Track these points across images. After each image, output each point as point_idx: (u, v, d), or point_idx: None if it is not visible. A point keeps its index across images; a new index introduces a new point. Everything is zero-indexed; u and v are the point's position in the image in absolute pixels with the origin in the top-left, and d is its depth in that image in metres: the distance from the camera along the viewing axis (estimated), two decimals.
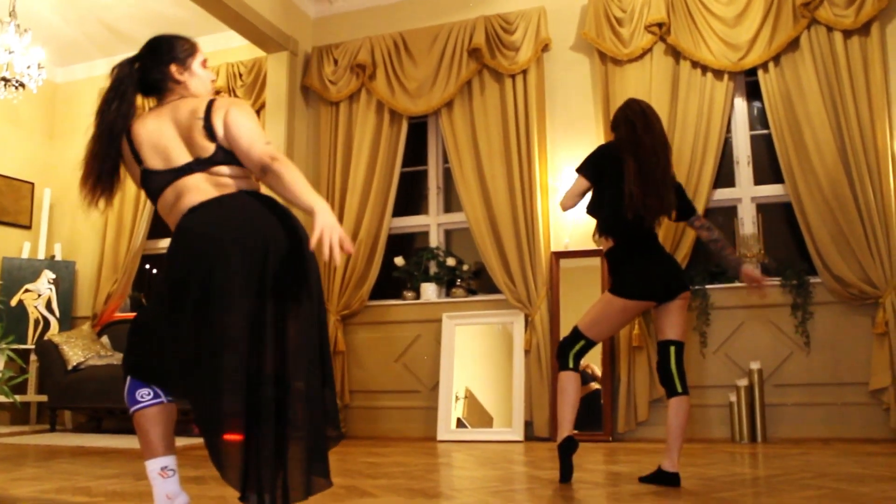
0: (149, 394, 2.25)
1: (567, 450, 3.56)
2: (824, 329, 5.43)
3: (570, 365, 3.67)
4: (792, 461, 4.23)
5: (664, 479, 3.47)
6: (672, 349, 3.63)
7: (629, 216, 3.57)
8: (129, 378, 2.30)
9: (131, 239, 7.39)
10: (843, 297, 5.39)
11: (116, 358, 6.69)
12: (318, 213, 2.04)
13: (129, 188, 7.46)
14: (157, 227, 7.51)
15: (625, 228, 3.62)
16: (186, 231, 2.23)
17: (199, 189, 2.27)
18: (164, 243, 7.63)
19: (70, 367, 6.61)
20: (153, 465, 2.24)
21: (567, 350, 3.69)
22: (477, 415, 6.18)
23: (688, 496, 3.18)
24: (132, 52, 2.57)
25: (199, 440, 5.70)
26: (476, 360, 6.34)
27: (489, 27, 6.40)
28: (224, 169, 2.28)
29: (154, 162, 2.32)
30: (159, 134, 2.33)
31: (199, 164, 2.28)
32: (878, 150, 5.37)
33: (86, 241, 7.72)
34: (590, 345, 3.69)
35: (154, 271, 7.86)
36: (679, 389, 3.61)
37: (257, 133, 2.26)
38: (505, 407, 6.03)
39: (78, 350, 6.71)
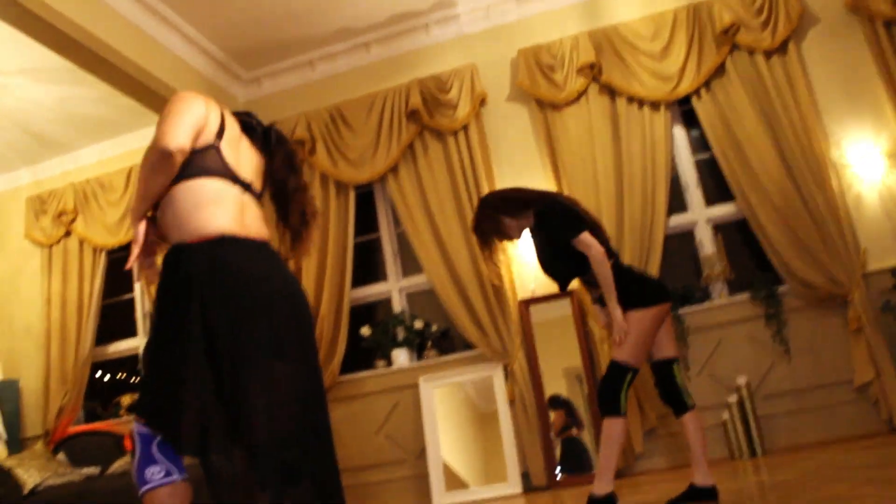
0: (160, 472, 1.97)
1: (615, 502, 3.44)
2: (801, 335, 5.50)
3: (623, 409, 3.46)
4: (806, 463, 4.21)
5: (701, 495, 3.39)
6: (675, 366, 3.62)
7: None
8: (141, 444, 2.01)
9: (78, 347, 7.02)
10: (812, 300, 5.49)
11: (78, 474, 6.27)
12: None
13: (69, 296, 7.15)
14: (105, 332, 7.19)
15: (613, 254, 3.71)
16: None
17: (257, 217, 2.20)
18: (115, 348, 7.30)
19: (27, 492, 6.14)
20: None
21: (618, 391, 3.46)
22: (457, 486, 5.95)
23: None
24: (61, 157, 2.57)
25: None
26: (456, 420, 6.19)
27: (424, 89, 6.46)
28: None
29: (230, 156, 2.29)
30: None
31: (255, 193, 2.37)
32: (817, 157, 5.57)
33: (27, 356, 7.30)
34: (636, 375, 3.53)
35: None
36: (690, 403, 3.58)
37: None
38: (495, 461, 5.87)
39: (33, 471, 6.25)
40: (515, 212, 3.71)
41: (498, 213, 3.73)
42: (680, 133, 6.21)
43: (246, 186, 2.28)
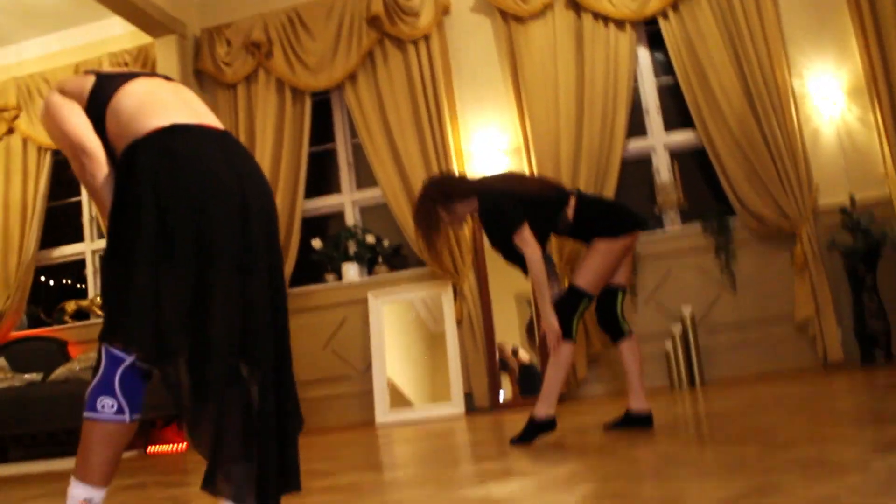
0: (112, 406, 1.83)
1: (548, 430, 3.41)
2: (748, 268, 5.53)
3: (573, 334, 3.40)
4: (742, 395, 4.27)
5: (637, 421, 3.41)
6: (620, 294, 3.58)
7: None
8: (105, 366, 1.84)
9: (21, 250, 6.84)
10: (762, 234, 5.50)
11: (18, 379, 6.18)
12: None
13: (12, 197, 6.93)
14: (50, 236, 7.01)
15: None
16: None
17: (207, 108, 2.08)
18: (60, 253, 7.13)
19: None
20: (78, 491, 1.84)
21: (571, 315, 3.40)
22: (401, 404, 5.98)
23: (665, 431, 3.13)
24: (2, 49, 2.34)
25: (124, 455, 5.36)
26: (406, 337, 6.18)
27: None
28: None
29: None
30: None
31: None
32: (779, 87, 5.50)
33: None
34: (591, 302, 3.47)
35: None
36: (627, 330, 3.56)
37: None
38: (441, 381, 5.89)
39: None
40: (459, 200, 3.54)
41: (442, 204, 3.53)
42: (644, 55, 6.07)
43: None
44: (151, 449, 5.92)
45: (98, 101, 1.99)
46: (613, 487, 2.07)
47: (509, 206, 3.41)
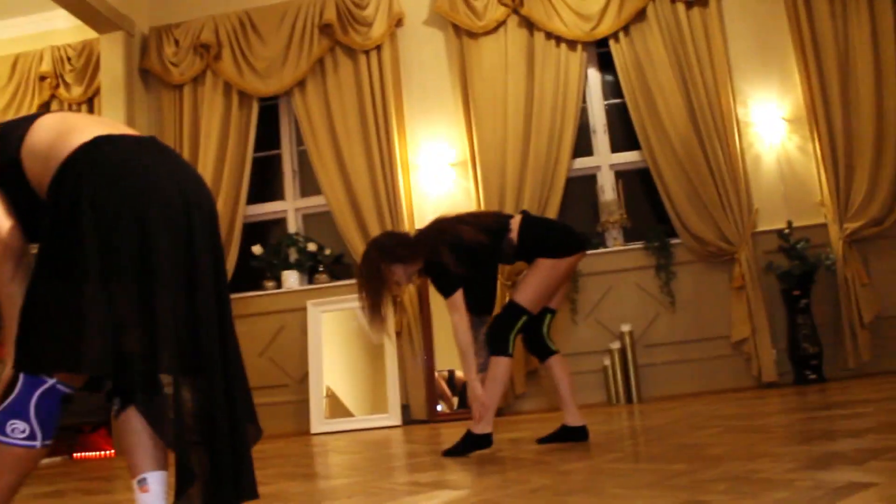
0: (23, 431, 1.69)
1: (484, 446, 3.36)
2: (687, 288, 5.61)
3: (511, 350, 3.37)
4: (677, 412, 4.31)
5: (572, 435, 3.41)
6: (549, 316, 3.57)
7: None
8: (23, 386, 1.70)
9: None
10: (702, 255, 5.58)
11: None
12: None
13: None
14: None
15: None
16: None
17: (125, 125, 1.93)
18: None
19: None
20: None
21: (507, 332, 3.36)
22: (340, 411, 5.92)
23: (597, 447, 3.13)
24: None
25: (49, 461, 5.18)
26: (345, 347, 6.11)
27: (340, 3, 6.19)
28: None
29: None
30: None
31: None
32: (724, 113, 5.62)
33: None
34: (530, 320, 3.41)
35: None
36: (554, 348, 3.56)
37: None
38: (380, 392, 5.83)
39: None
40: (406, 259, 3.49)
41: (390, 263, 3.48)
42: (594, 76, 6.14)
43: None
44: (78, 455, 5.74)
45: (8, 149, 1.82)
46: (540, 501, 2.05)
47: (447, 273, 3.33)
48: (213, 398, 1.79)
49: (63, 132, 1.81)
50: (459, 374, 5.76)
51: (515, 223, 3.47)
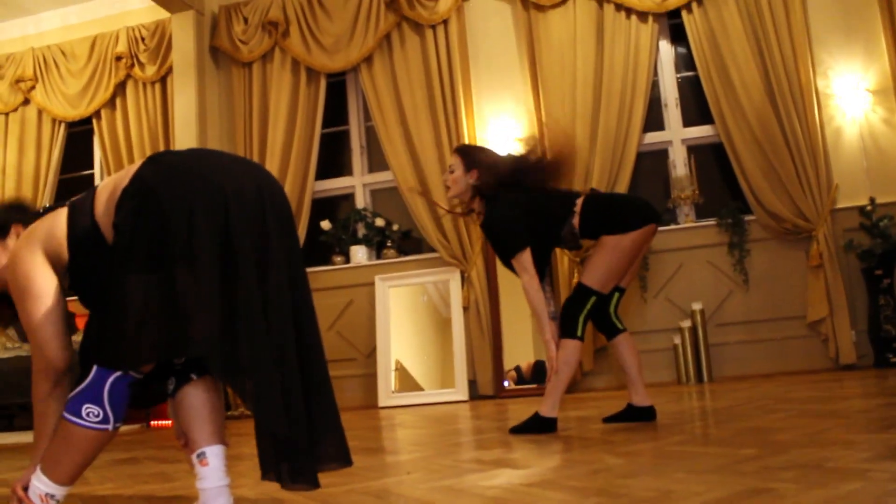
0: (97, 415, 1.75)
1: (549, 430, 3.29)
2: (761, 266, 5.44)
3: (580, 332, 3.30)
4: (748, 393, 4.20)
5: (639, 415, 3.35)
6: (617, 295, 3.49)
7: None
8: (97, 371, 1.76)
9: None
10: (777, 232, 5.41)
11: (25, 349, 6.19)
12: None
13: (25, 167, 6.94)
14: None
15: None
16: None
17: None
18: None
19: None
20: (41, 485, 1.80)
21: (577, 314, 3.29)
22: (409, 386, 5.97)
23: (664, 428, 3.07)
24: (22, 19, 2.16)
25: (127, 428, 5.36)
26: (413, 322, 6.15)
27: None
28: None
29: None
30: None
31: None
32: (802, 85, 5.40)
33: None
34: (600, 302, 3.34)
35: None
36: (621, 327, 3.49)
37: None
38: (447, 367, 5.86)
39: None
40: (474, 166, 3.43)
41: (460, 157, 3.46)
42: (665, 48, 5.98)
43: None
44: (154, 423, 5.93)
45: (83, 220, 1.87)
46: (601, 483, 2.02)
47: (514, 230, 3.29)
48: (288, 385, 1.80)
49: (120, 176, 1.86)
50: (528, 360, 5.74)
51: (580, 204, 3.38)
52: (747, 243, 5.46)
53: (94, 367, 1.77)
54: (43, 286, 1.84)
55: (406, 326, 6.11)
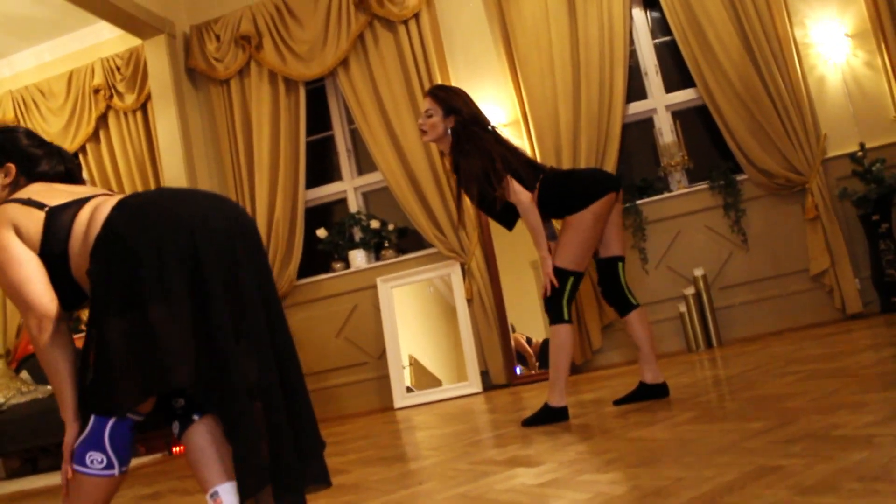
0: (101, 462, 1.80)
1: (560, 419, 3.29)
2: (758, 224, 5.43)
3: (566, 315, 3.30)
4: (756, 357, 4.20)
5: (651, 393, 3.36)
6: (620, 265, 3.49)
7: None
8: (94, 421, 1.80)
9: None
10: (771, 189, 5.38)
11: (41, 391, 6.22)
12: None
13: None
14: None
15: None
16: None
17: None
18: None
19: None
20: None
21: (559, 299, 3.30)
22: (425, 380, 6.00)
23: (675, 404, 3.08)
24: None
25: (149, 458, 5.39)
26: (419, 319, 6.16)
27: None
28: None
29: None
30: None
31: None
32: (780, 37, 5.37)
33: None
34: (579, 280, 3.35)
35: None
36: (635, 302, 3.49)
37: None
38: (458, 360, 5.87)
39: None
40: (451, 112, 3.45)
41: (434, 100, 3.50)
42: (639, 15, 5.93)
43: (105, 195, 2.02)
44: (176, 449, 5.95)
45: (54, 241, 1.90)
46: (613, 475, 2.02)
47: (495, 162, 3.30)
48: (272, 409, 1.84)
49: (97, 215, 1.89)
50: (536, 339, 5.74)
51: (538, 187, 3.38)
52: (742, 203, 5.44)
53: (92, 416, 1.80)
54: (21, 252, 1.87)
55: (413, 324, 6.11)
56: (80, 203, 1.95)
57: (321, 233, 6.31)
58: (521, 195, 3.31)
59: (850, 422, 2.01)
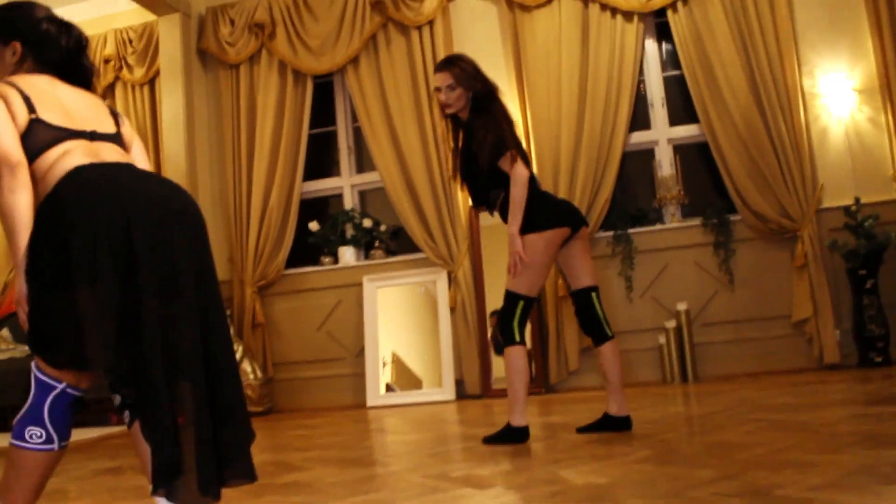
0: (40, 436, 1.83)
1: (520, 440, 3.31)
2: (747, 266, 5.45)
3: (518, 338, 3.33)
4: (726, 398, 4.22)
5: (614, 425, 3.38)
6: (593, 295, 3.51)
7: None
8: (35, 393, 1.84)
9: None
10: (763, 232, 5.41)
11: (20, 350, 6.24)
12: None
13: None
14: None
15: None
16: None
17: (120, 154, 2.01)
18: None
19: None
20: None
21: (510, 321, 3.33)
22: (405, 378, 6.03)
23: (635, 439, 3.10)
24: None
25: (115, 430, 5.41)
26: (401, 322, 6.18)
27: None
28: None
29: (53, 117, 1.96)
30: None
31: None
32: (788, 85, 5.40)
33: None
34: (529, 306, 3.37)
35: None
36: (610, 333, 3.51)
37: None
38: (434, 367, 5.89)
39: None
40: (465, 82, 3.50)
41: (447, 69, 3.54)
42: (651, 47, 5.97)
43: (91, 136, 1.99)
44: None
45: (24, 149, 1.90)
46: None
47: (506, 135, 3.38)
48: (197, 405, 1.83)
49: (64, 160, 1.90)
50: None
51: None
52: (733, 243, 5.47)
53: (32, 391, 1.85)
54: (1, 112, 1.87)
55: (395, 326, 6.14)
56: (63, 135, 1.94)
57: (313, 226, 6.34)
58: (523, 169, 3.35)
59: (795, 481, 2.03)
